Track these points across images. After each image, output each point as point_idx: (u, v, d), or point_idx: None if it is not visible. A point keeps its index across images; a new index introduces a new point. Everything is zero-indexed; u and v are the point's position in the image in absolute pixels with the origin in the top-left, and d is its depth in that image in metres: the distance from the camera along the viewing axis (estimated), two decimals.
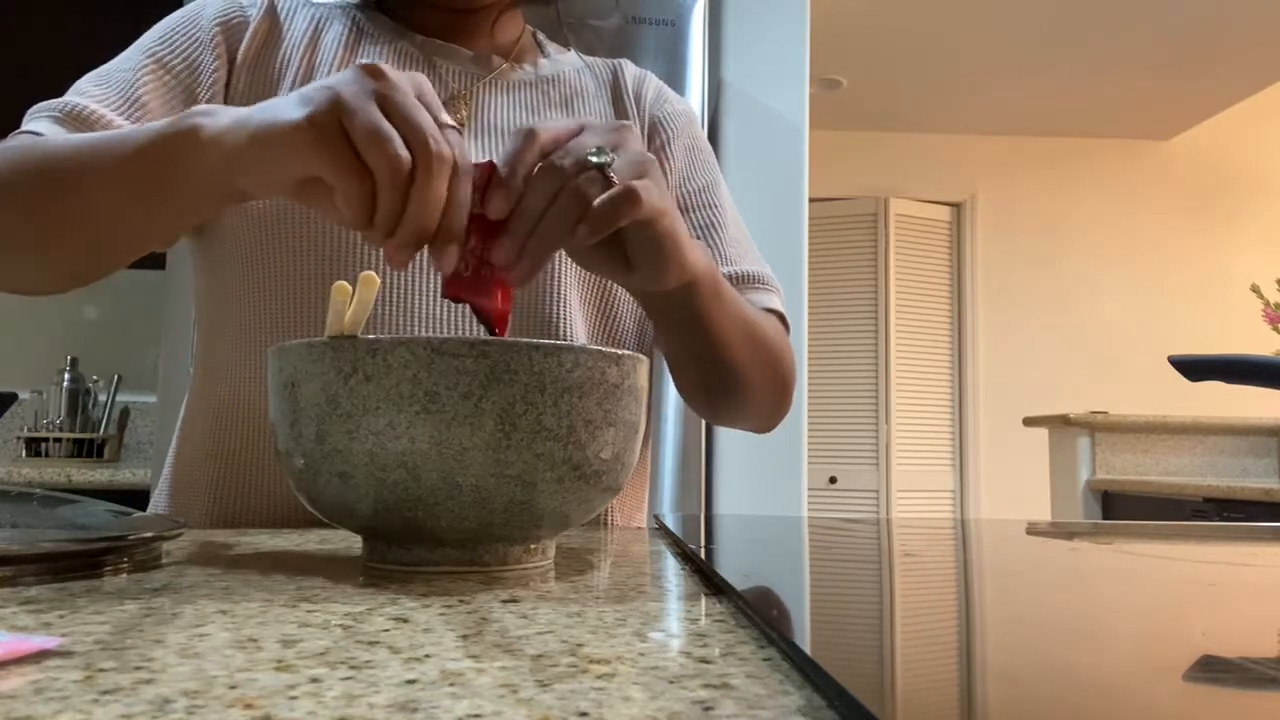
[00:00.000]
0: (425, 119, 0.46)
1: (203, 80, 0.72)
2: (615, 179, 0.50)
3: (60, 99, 0.68)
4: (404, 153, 0.45)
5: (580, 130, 0.52)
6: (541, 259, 0.50)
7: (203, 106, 0.54)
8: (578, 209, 0.49)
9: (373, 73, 0.46)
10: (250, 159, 0.49)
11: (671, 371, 0.77)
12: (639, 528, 0.77)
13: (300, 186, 0.49)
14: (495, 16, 0.80)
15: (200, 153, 0.52)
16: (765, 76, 1.91)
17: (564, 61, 0.85)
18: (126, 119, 0.68)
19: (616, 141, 0.52)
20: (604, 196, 0.49)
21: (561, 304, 0.73)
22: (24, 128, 0.66)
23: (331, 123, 0.45)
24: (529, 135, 0.50)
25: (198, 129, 0.52)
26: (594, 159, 0.50)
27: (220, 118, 0.52)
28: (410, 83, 0.48)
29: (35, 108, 0.68)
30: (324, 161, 0.46)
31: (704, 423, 1.71)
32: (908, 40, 3.61)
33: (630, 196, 0.50)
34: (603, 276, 0.58)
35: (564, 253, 0.73)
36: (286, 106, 0.48)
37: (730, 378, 0.72)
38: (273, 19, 0.76)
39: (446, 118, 0.48)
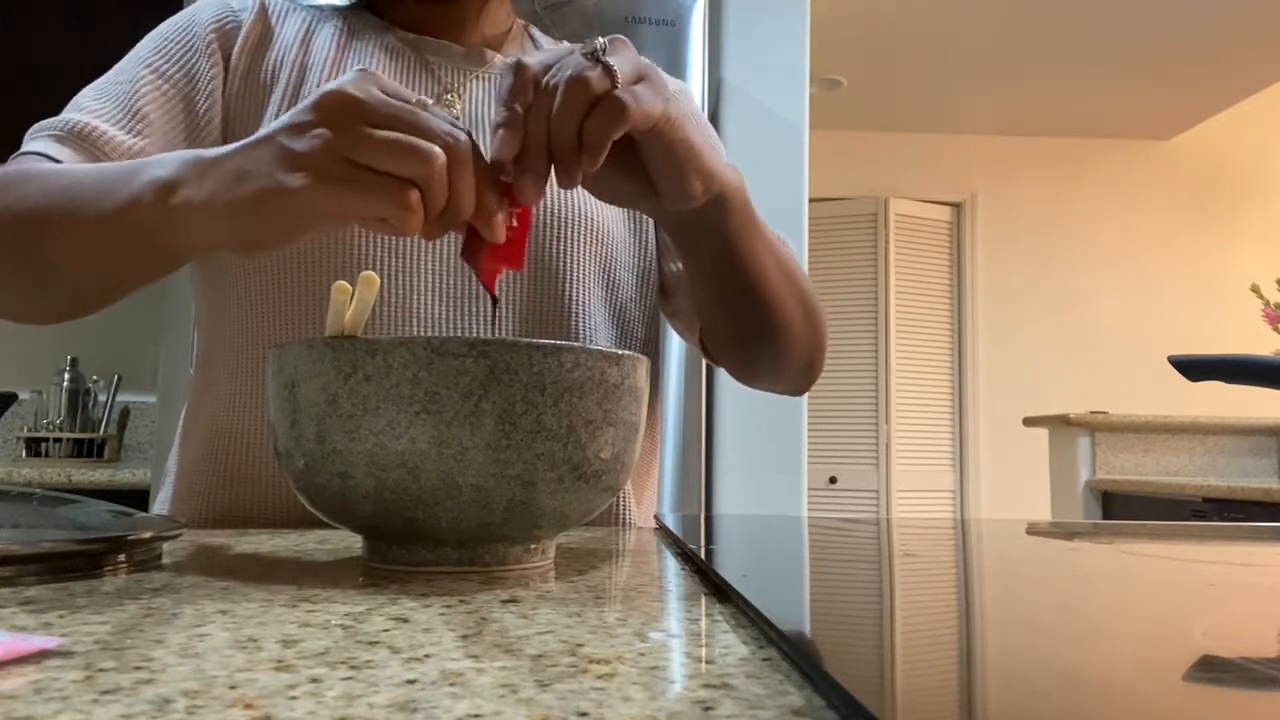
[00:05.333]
0: (421, 118, 0.45)
1: (200, 87, 0.72)
2: (617, 73, 0.48)
3: (60, 117, 0.67)
4: (435, 149, 0.44)
5: (571, 53, 0.50)
6: (572, 161, 0.48)
7: (171, 169, 0.51)
8: (584, 97, 0.47)
9: (336, 103, 0.45)
10: (270, 231, 0.48)
11: (704, 330, 0.75)
12: (643, 527, 0.77)
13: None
14: (481, 5, 0.80)
15: (190, 227, 0.50)
16: (765, 76, 1.91)
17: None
18: (128, 133, 0.67)
19: (611, 49, 0.50)
20: (593, 115, 0.48)
21: (582, 308, 0.73)
22: (25, 148, 0.65)
23: (341, 169, 0.44)
24: (518, 68, 0.48)
25: (177, 201, 0.49)
26: (585, 49, 0.48)
27: (202, 184, 0.49)
28: (370, 84, 0.46)
29: (36, 126, 0.66)
30: (359, 207, 0.45)
31: (704, 423, 1.70)
32: (908, 40, 3.61)
33: (618, 107, 0.48)
34: (630, 207, 0.57)
35: (577, 254, 0.74)
36: (276, 163, 0.46)
37: (767, 316, 0.69)
38: (264, 22, 0.76)
39: (413, 95, 0.47)
